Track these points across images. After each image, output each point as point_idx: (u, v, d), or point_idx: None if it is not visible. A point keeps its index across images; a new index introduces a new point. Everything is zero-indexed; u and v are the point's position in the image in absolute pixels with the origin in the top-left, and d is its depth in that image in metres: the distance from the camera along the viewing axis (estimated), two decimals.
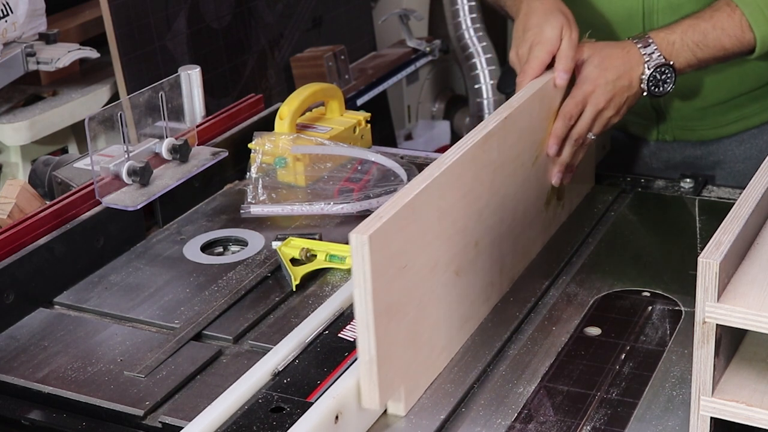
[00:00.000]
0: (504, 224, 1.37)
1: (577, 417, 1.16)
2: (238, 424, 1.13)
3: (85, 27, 2.53)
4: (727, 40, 1.58)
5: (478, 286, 1.32)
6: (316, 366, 1.22)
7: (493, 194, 1.33)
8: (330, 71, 2.74)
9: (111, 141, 1.62)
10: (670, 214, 1.64)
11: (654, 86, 1.55)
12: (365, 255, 1.06)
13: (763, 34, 1.58)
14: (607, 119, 1.53)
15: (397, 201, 1.12)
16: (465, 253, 1.27)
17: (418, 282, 1.17)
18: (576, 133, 1.51)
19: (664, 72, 1.56)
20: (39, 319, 1.40)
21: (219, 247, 1.59)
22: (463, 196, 1.25)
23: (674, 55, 1.56)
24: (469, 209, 1.27)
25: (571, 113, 1.50)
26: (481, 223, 1.30)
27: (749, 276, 1.03)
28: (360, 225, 1.07)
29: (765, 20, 1.57)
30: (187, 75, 1.73)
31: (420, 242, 1.16)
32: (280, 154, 1.71)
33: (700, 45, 1.58)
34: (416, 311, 1.17)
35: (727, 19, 1.58)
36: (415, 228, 1.15)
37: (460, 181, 1.23)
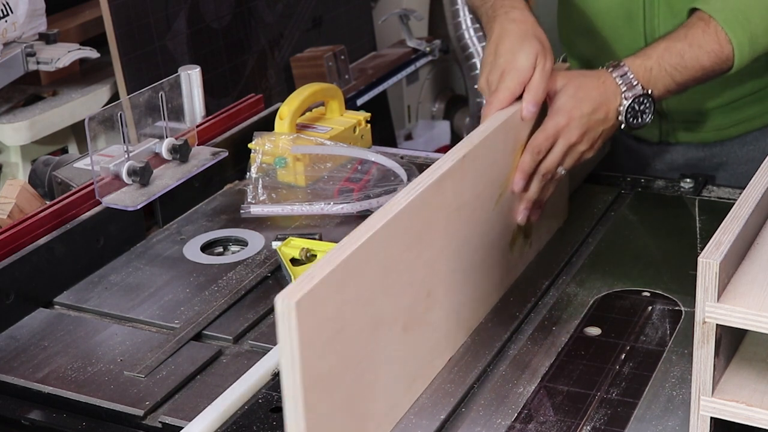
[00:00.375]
0: (460, 272, 1.25)
1: (577, 417, 1.16)
2: (238, 424, 1.13)
3: (85, 27, 2.53)
4: (705, 57, 1.51)
5: (430, 341, 1.19)
6: None
7: (448, 240, 1.20)
8: (330, 71, 2.74)
9: (111, 141, 1.62)
10: (670, 214, 1.64)
11: (632, 117, 1.47)
12: (292, 323, 0.93)
13: (740, 41, 1.51)
14: (579, 154, 1.44)
15: (331, 258, 0.99)
16: (414, 307, 1.15)
17: (358, 345, 1.03)
18: (545, 167, 1.41)
19: (643, 102, 1.47)
20: (39, 319, 1.40)
21: (219, 247, 1.59)
22: (412, 246, 1.12)
23: (652, 83, 1.48)
24: (420, 259, 1.14)
25: (541, 147, 1.40)
26: (433, 272, 1.18)
27: (749, 276, 1.03)
28: (289, 287, 0.94)
29: (741, 27, 1.51)
30: (187, 75, 1.73)
31: (360, 301, 1.03)
32: (280, 154, 1.71)
33: (678, 68, 1.50)
34: (354, 378, 1.04)
35: (702, 34, 1.51)
36: (354, 286, 1.01)
37: (408, 230, 1.11)
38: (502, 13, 1.47)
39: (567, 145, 1.41)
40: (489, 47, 1.45)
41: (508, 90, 1.38)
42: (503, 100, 1.38)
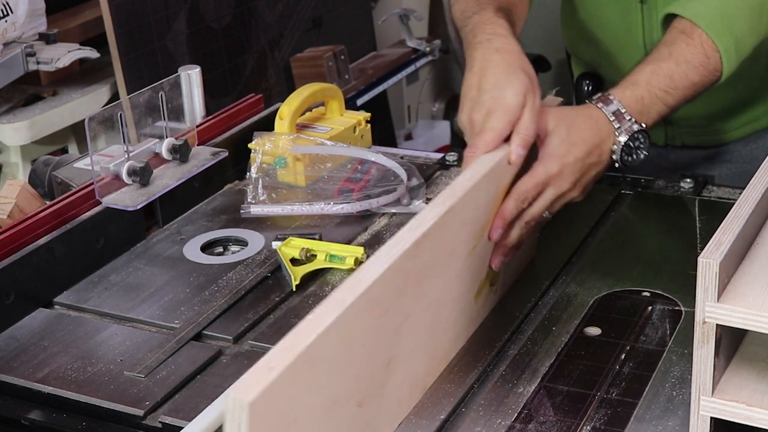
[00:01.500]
0: (423, 333, 1.15)
1: (577, 417, 1.16)
2: None
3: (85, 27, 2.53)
4: (694, 73, 1.42)
5: (384, 411, 1.10)
6: None
7: (416, 303, 1.10)
8: (330, 71, 2.74)
9: (111, 141, 1.62)
10: (670, 214, 1.64)
11: (627, 156, 1.37)
12: (243, 424, 0.84)
13: (727, 46, 1.43)
14: (569, 199, 1.34)
15: (292, 346, 0.89)
16: (372, 380, 1.05)
17: (308, 429, 0.95)
18: (529, 215, 1.29)
19: (637, 138, 1.37)
20: (39, 319, 1.40)
21: (219, 247, 1.59)
22: (379, 317, 1.02)
23: (645, 113, 1.39)
24: (386, 328, 1.05)
25: (528, 195, 1.28)
26: (398, 339, 1.08)
27: (749, 276, 1.04)
28: (241, 379, 0.86)
29: (726, 29, 1.43)
30: (187, 75, 1.73)
31: (317, 386, 0.94)
32: (280, 154, 1.71)
33: (669, 90, 1.40)
34: None
35: (687, 48, 1.42)
36: (313, 374, 0.92)
37: (378, 302, 1.01)
38: (484, 40, 1.34)
39: (557, 194, 1.31)
40: (470, 79, 1.32)
41: (495, 131, 1.25)
42: (489, 143, 1.25)
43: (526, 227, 1.31)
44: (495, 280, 1.34)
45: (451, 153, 1.84)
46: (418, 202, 1.64)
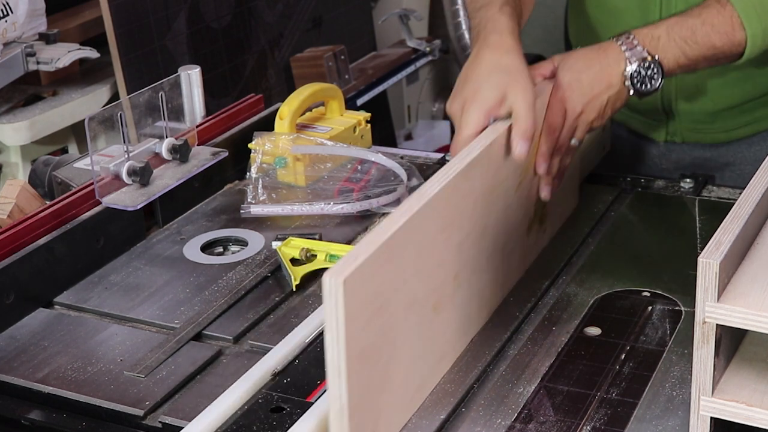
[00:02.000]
0: (484, 255, 1.30)
1: (577, 417, 1.16)
2: (238, 424, 1.13)
3: (85, 27, 2.53)
4: (717, 37, 1.49)
5: (455, 321, 1.25)
6: (316, 366, 1.22)
7: (474, 225, 1.26)
8: (330, 71, 2.74)
9: (111, 141, 1.62)
10: (670, 214, 1.64)
11: (639, 83, 1.45)
12: (339, 300, 0.98)
13: (754, 32, 1.50)
14: (587, 123, 1.45)
15: (374, 239, 1.04)
16: (443, 288, 1.20)
17: (394, 322, 1.09)
18: (559, 144, 1.44)
19: (649, 67, 1.45)
20: (39, 319, 1.40)
21: (219, 247, 1.59)
22: (443, 229, 1.18)
23: (660, 51, 1.47)
24: (449, 242, 1.20)
25: (555, 125, 1.42)
26: (461, 255, 1.23)
27: (749, 276, 1.04)
28: (335, 266, 0.99)
29: (757, 17, 1.50)
30: (187, 75, 1.73)
31: (397, 280, 1.08)
32: (280, 154, 1.71)
33: (689, 41, 1.48)
34: (390, 352, 1.09)
35: (717, 15, 1.50)
36: (392, 266, 1.07)
37: (440, 213, 1.16)
38: (483, 35, 1.44)
39: (574, 116, 1.43)
40: (463, 70, 1.42)
41: (470, 126, 1.34)
42: (467, 138, 1.33)
43: (559, 154, 1.44)
44: (543, 218, 1.49)
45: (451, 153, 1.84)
46: None
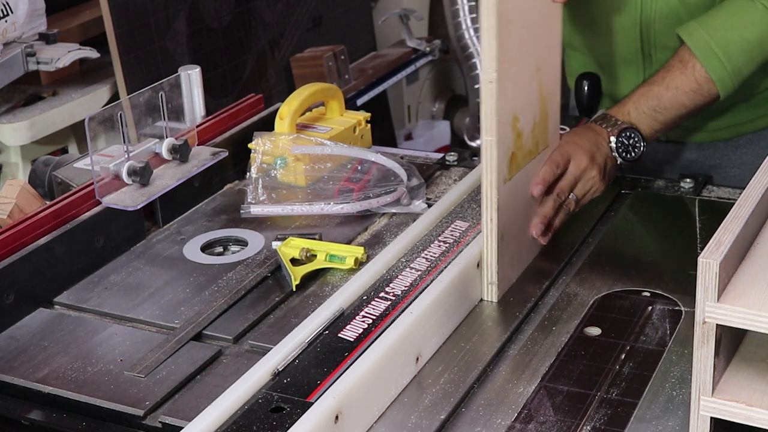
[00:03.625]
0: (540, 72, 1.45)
1: (577, 417, 1.16)
2: (238, 424, 1.13)
3: (85, 27, 2.53)
4: (684, 97, 1.60)
5: (547, 92, 1.47)
6: (316, 366, 1.22)
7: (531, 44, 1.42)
8: (330, 71, 2.74)
9: (111, 141, 1.62)
10: (670, 214, 1.65)
11: (624, 152, 1.58)
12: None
13: (721, 77, 1.59)
14: (590, 179, 1.53)
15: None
16: (537, 63, 1.42)
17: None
18: (559, 187, 1.50)
19: (630, 136, 1.58)
20: (39, 319, 1.40)
21: (219, 247, 1.59)
22: (522, 27, 1.36)
23: (634, 123, 1.60)
24: (527, 39, 1.38)
25: (558, 161, 1.49)
26: (534, 50, 1.42)
27: (749, 276, 1.03)
28: None
29: (720, 63, 1.59)
30: (187, 75, 1.73)
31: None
32: (280, 154, 1.71)
33: (657, 109, 1.60)
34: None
35: (680, 75, 1.60)
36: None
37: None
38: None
39: (579, 168, 1.52)
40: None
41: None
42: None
43: (558, 199, 1.50)
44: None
45: (451, 153, 1.84)
46: (418, 202, 1.64)
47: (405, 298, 1.36)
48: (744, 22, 1.60)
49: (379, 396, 1.19)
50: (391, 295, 1.37)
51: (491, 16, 1.28)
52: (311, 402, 1.14)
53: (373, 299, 1.36)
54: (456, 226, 1.54)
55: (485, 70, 1.32)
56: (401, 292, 1.38)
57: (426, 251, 1.49)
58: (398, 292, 1.38)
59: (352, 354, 1.24)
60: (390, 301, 1.35)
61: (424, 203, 1.64)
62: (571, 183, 1.51)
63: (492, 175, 1.35)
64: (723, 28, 1.60)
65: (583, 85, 1.88)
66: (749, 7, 1.60)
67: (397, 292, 1.38)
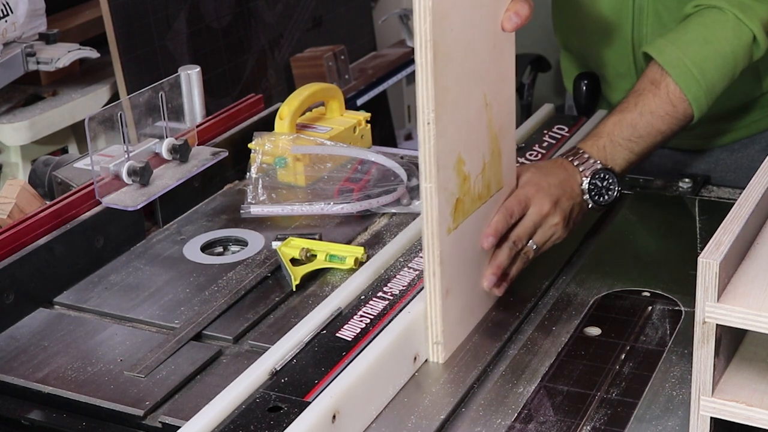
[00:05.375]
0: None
1: (577, 417, 1.16)
2: (235, 424, 1.13)
3: (85, 27, 2.53)
4: (659, 122, 1.50)
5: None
6: (313, 365, 1.22)
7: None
8: (330, 71, 2.74)
9: (111, 141, 1.62)
10: (670, 214, 1.64)
11: (597, 195, 1.45)
12: None
13: (696, 95, 1.51)
14: (552, 227, 1.39)
15: None
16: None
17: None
18: (516, 234, 1.35)
19: (605, 178, 1.45)
20: (39, 319, 1.40)
21: (219, 247, 1.59)
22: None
23: (609, 159, 1.47)
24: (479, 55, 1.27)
25: (512, 209, 1.34)
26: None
27: (749, 276, 1.03)
28: None
29: (695, 81, 1.51)
30: (187, 75, 1.73)
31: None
32: (280, 154, 1.71)
33: (633, 138, 1.49)
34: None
35: (652, 99, 1.50)
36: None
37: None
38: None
39: (539, 215, 1.37)
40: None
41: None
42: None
43: (514, 248, 1.35)
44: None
45: None
46: (418, 202, 1.64)
47: (403, 298, 1.36)
48: (717, 35, 1.53)
49: (376, 395, 1.19)
50: (389, 295, 1.37)
51: (427, 51, 1.15)
52: (308, 401, 1.14)
53: (371, 299, 1.36)
54: None
55: (422, 110, 1.17)
56: (399, 292, 1.38)
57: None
58: (396, 292, 1.38)
59: (349, 353, 1.24)
60: (388, 301, 1.35)
61: None
62: (529, 230, 1.37)
63: (433, 225, 1.21)
64: (695, 42, 1.52)
65: (581, 85, 1.88)
66: (721, 19, 1.53)
67: (395, 292, 1.38)
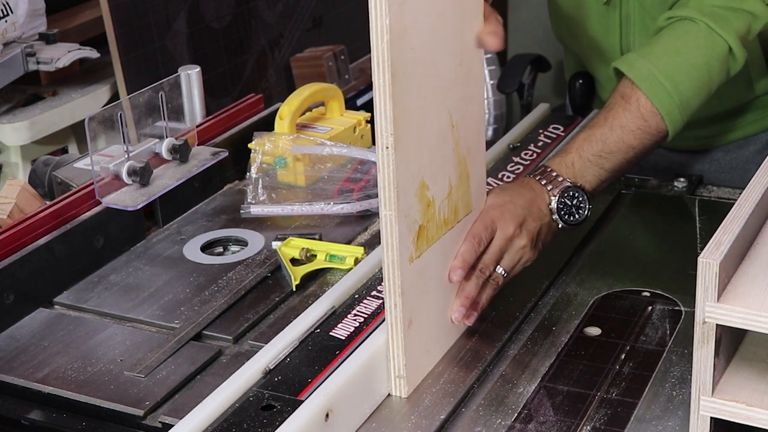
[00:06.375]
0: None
1: (577, 417, 1.16)
2: (228, 422, 1.13)
3: (85, 27, 2.53)
4: (630, 137, 1.44)
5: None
6: (307, 364, 1.22)
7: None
8: (330, 71, 2.74)
9: (111, 141, 1.62)
10: (670, 214, 1.65)
11: (566, 214, 1.39)
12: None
13: (669, 110, 1.45)
14: (519, 250, 1.34)
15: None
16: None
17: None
18: (483, 262, 1.31)
19: (574, 196, 1.40)
20: (39, 319, 1.40)
21: (219, 247, 1.59)
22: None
23: (579, 176, 1.41)
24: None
25: (480, 235, 1.30)
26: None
27: (749, 276, 1.04)
28: None
29: (667, 94, 1.45)
30: (187, 75, 1.73)
31: None
32: (280, 154, 1.71)
33: (603, 154, 1.43)
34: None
35: (623, 114, 1.45)
36: None
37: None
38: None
39: (505, 238, 1.32)
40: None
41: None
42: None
43: (482, 276, 1.31)
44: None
45: None
46: None
47: None
48: (689, 46, 1.47)
49: (369, 394, 1.19)
50: (383, 294, 1.37)
51: (385, 72, 1.09)
52: (302, 400, 1.14)
53: (365, 298, 1.37)
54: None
55: (380, 134, 1.11)
56: None
57: None
58: None
59: (343, 352, 1.24)
60: (381, 300, 1.35)
61: None
62: (496, 256, 1.32)
63: (393, 254, 1.15)
64: (666, 54, 1.47)
65: (576, 84, 1.88)
66: (692, 30, 1.48)
67: None
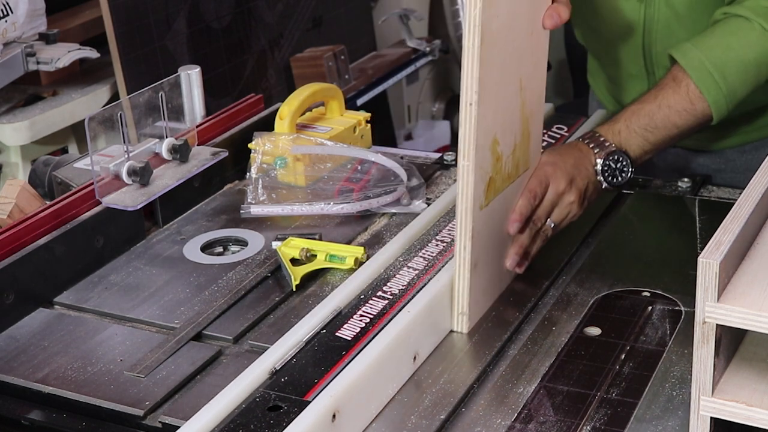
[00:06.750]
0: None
1: (577, 417, 1.16)
2: (235, 423, 1.13)
3: (85, 27, 2.53)
4: (676, 116, 1.54)
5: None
6: (313, 365, 1.22)
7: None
8: (330, 71, 2.74)
9: (111, 141, 1.62)
10: (670, 214, 1.65)
11: (610, 176, 1.51)
12: None
13: (716, 98, 1.54)
14: (569, 205, 1.46)
15: None
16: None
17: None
18: (536, 215, 1.43)
19: (618, 160, 1.51)
20: (39, 319, 1.40)
21: (219, 247, 1.59)
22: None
23: (624, 143, 1.53)
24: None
25: (536, 190, 1.42)
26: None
27: (749, 276, 1.04)
28: None
29: (715, 84, 1.54)
30: (187, 75, 1.73)
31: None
32: (280, 154, 1.71)
33: (649, 128, 1.54)
34: None
35: (672, 95, 1.55)
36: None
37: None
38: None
39: (556, 193, 1.44)
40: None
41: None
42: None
43: (534, 227, 1.43)
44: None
45: (450, 153, 1.84)
46: (418, 202, 1.64)
47: (402, 297, 1.36)
48: (741, 43, 1.56)
49: (376, 395, 1.19)
50: (389, 294, 1.37)
51: (475, 36, 1.22)
52: (308, 401, 1.14)
53: (371, 298, 1.37)
54: (454, 225, 1.54)
55: (466, 91, 1.24)
56: (398, 291, 1.38)
57: (423, 250, 1.49)
58: (395, 291, 1.38)
59: (349, 353, 1.24)
60: (387, 300, 1.36)
61: (424, 203, 1.64)
62: (548, 209, 1.45)
63: (468, 201, 1.28)
64: (719, 48, 1.56)
65: None
66: (746, 27, 1.56)
67: (394, 291, 1.38)
